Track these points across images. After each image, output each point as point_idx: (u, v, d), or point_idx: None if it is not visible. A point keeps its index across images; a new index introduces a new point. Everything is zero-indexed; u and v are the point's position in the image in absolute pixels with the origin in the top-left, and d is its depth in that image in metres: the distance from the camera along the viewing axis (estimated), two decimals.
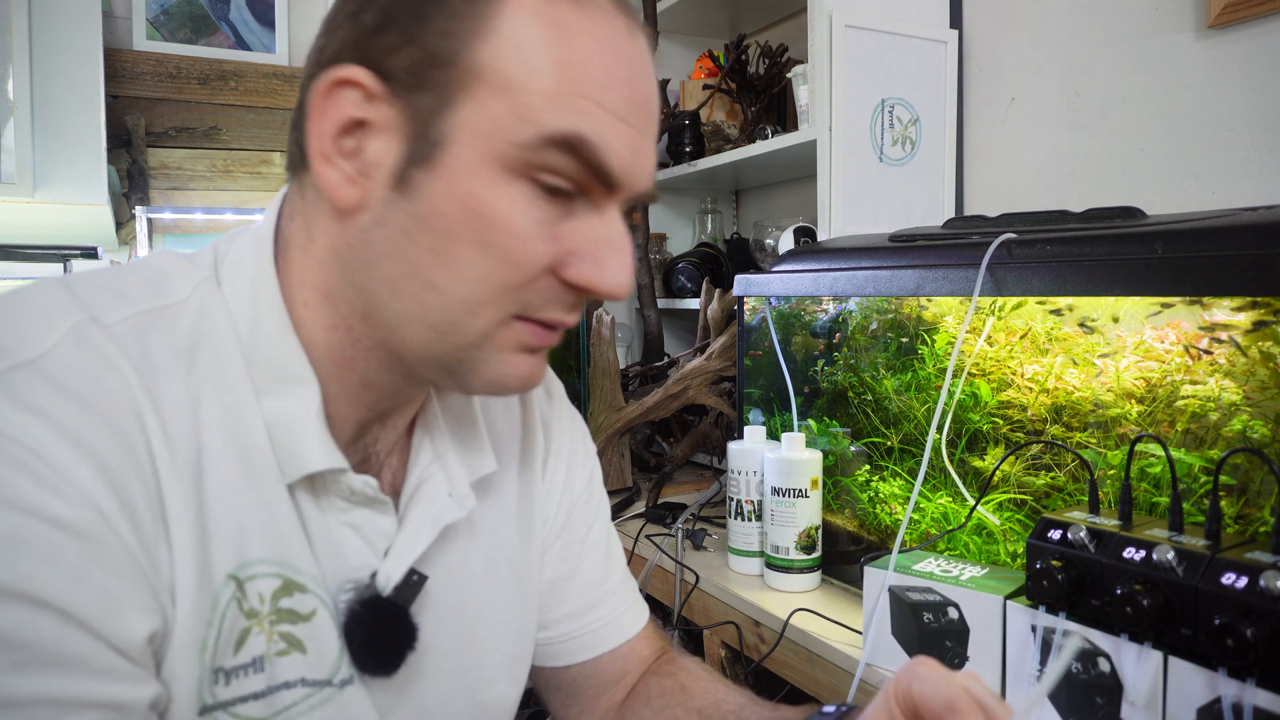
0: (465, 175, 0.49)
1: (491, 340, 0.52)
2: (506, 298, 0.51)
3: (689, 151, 2.04)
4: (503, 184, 0.49)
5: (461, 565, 0.64)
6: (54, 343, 0.47)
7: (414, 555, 0.58)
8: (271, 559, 0.52)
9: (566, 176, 0.50)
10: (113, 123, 1.73)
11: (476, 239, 0.49)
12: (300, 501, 0.54)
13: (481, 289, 0.50)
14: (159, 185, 1.85)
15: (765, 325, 1.34)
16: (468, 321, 0.51)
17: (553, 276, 0.52)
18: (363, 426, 0.58)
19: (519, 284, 0.51)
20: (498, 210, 0.49)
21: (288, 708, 0.52)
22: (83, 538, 0.44)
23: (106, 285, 0.52)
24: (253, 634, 0.51)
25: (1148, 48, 1.37)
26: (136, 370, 0.48)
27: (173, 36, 1.91)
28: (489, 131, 0.49)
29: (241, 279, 0.55)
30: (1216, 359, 0.83)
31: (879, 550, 1.06)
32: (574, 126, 0.49)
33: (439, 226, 0.49)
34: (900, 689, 0.51)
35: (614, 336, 1.79)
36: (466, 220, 0.49)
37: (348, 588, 0.56)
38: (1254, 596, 0.66)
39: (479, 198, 0.49)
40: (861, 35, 1.54)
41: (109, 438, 0.46)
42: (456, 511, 0.61)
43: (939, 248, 1.06)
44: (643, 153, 0.53)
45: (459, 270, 0.50)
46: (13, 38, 1.40)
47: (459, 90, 0.49)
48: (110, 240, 1.77)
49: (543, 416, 0.74)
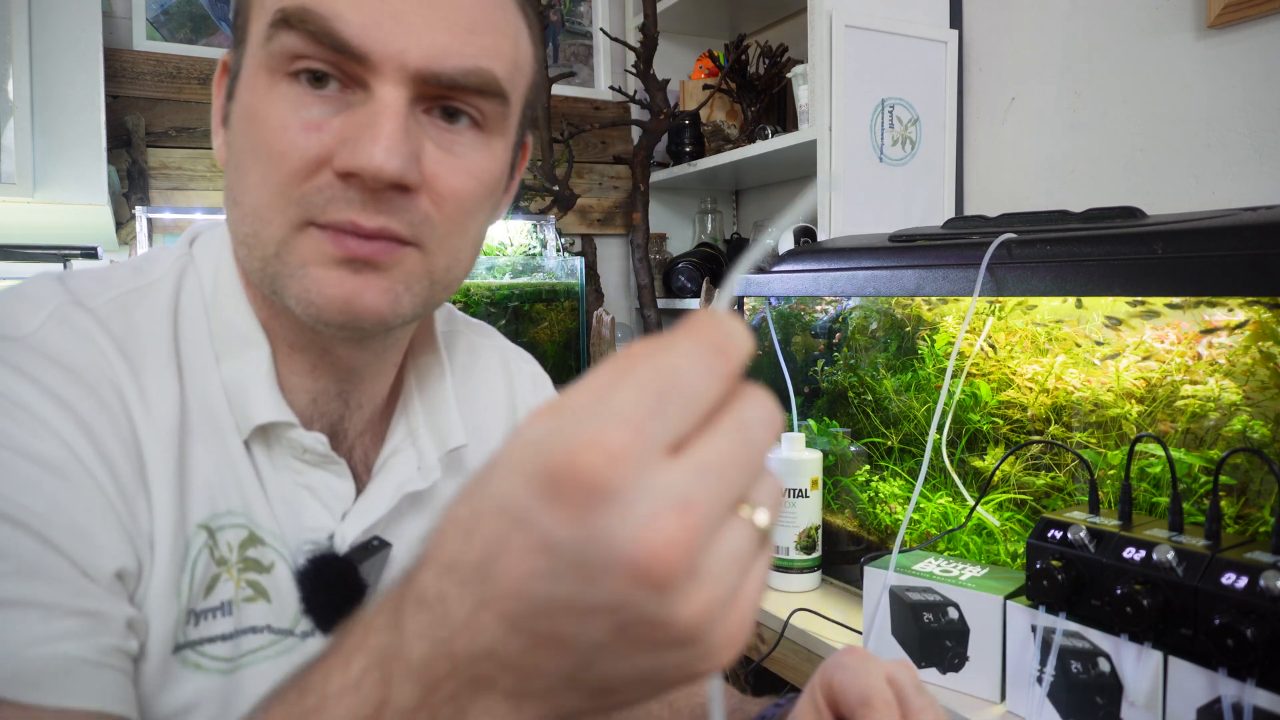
0: (244, 91, 0.53)
1: (290, 250, 0.51)
2: (284, 197, 0.50)
3: (689, 151, 2.04)
4: (266, 87, 0.51)
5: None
6: (39, 323, 0.50)
7: (370, 519, 0.59)
8: (239, 510, 0.55)
9: (310, 59, 0.50)
10: (113, 123, 1.73)
11: (250, 145, 0.51)
12: (256, 458, 0.56)
13: (263, 193, 0.51)
14: (159, 185, 1.85)
15: (765, 325, 1.34)
16: (263, 230, 0.52)
17: (330, 174, 0.50)
18: (314, 397, 0.59)
19: (289, 179, 0.50)
20: (262, 111, 0.51)
21: (253, 651, 0.54)
22: (59, 475, 0.46)
23: (95, 275, 0.56)
24: (222, 580, 0.53)
25: (1148, 48, 1.37)
26: (117, 344, 0.52)
27: (173, 36, 1.91)
28: (254, 43, 0.52)
29: (210, 252, 0.59)
30: (1216, 359, 0.83)
31: (879, 550, 1.06)
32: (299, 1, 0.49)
33: (234, 146, 0.53)
34: (824, 680, 0.50)
35: (614, 336, 1.79)
36: (244, 130, 0.52)
37: (306, 548, 0.57)
38: (1254, 596, 0.66)
39: (249, 104, 0.52)
40: (861, 35, 1.54)
41: (87, 398, 0.49)
42: (420, 482, 0.62)
43: (939, 248, 1.06)
44: (403, 18, 0.49)
45: (245, 179, 0.52)
46: (13, 38, 1.40)
47: (247, 24, 0.53)
48: (110, 240, 1.77)
49: (528, 408, 0.74)
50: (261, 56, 0.51)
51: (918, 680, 0.50)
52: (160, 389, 0.52)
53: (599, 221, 2.25)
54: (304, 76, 0.50)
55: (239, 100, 0.53)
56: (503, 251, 1.86)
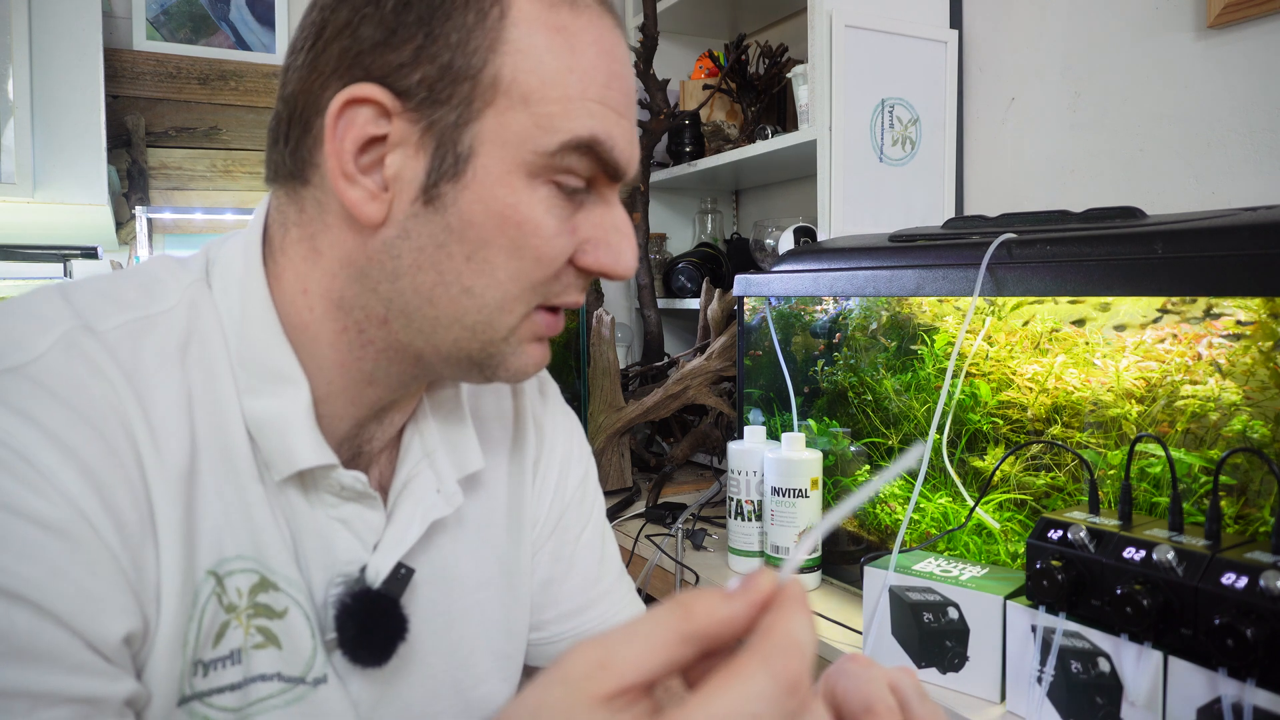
0: (493, 185, 0.51)
1: (516, 332, 0.55)
2: (535, 292, 0.54)
3: (689, 151, 2.04)
4: (528, 189, 0.52)
5: (450, 562, 0.64)
6: (44, 349, 0.48)
7: (403, 549, 0.59)
8: (249, 554, 0.53)
9: (581, 175, 0.54)
10: (113, 123, 1.73)
11: (508, 243, 0.52)
12: (290, 498, 0.55)
13: (514, 288, 0.53)
14: (159, 185, 1.85)
15: (765, 325, 1.34)
16: (500, 319, 0.54)
17: (570, 265, 0.55)
18: (359, 424, 0.59)
19: (546, 277, 0.54)
20: (527, 215, 0.52)
21: (261, 700, 0.53)
22: (63, 536, 0.44)
23: (102, 292, 0.53)
24: (231, 627, 0.52)
25: (1148, 48, 1.37)
26: (127, 377, 0.49)
27: (173, 36, 1.91)
28: (513, 141, 0.51)
29: (230, 281, 0.56)
30: (1216, 359, 0.83)
31: (879, 550, 1.06)
32: (590, 130, 0.52)
33: (471, 235, 0.52)
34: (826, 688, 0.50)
35: (614, 336, 1.79)
36: (498, 227, 0.52)
37: (338, 581, 0.56)
38: (1254, 596, 0.66)
39: (509, 204, 0.52)
40: (861, 35, 1.54)
41: (94, 442, 0.46)
42: (444, 508, 0.62)
43: (939, 248, 1.06)
44: (635, 142, 0.57)
45: (492, 274, 0.53)
46: (13, 38, 1.40)
47: (480, 103, 0.50)
48: (110, 240, 1.77)
49: (535, 416, 0.74)
50: (533, 162, 0.52)
51: (921, 688, 0.50)
52: (171, 427, 0.50)
53: None
54: (561, 184, 0.53)
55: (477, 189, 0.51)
56: None
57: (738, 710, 0.32)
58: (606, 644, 0.34)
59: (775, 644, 0.34)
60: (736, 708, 0.32)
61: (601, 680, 0.33)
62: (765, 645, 0.34)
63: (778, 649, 0.33)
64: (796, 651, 0.33)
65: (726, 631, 0.35)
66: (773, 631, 0.34)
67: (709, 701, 0.32)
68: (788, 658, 0.33)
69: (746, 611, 0.35)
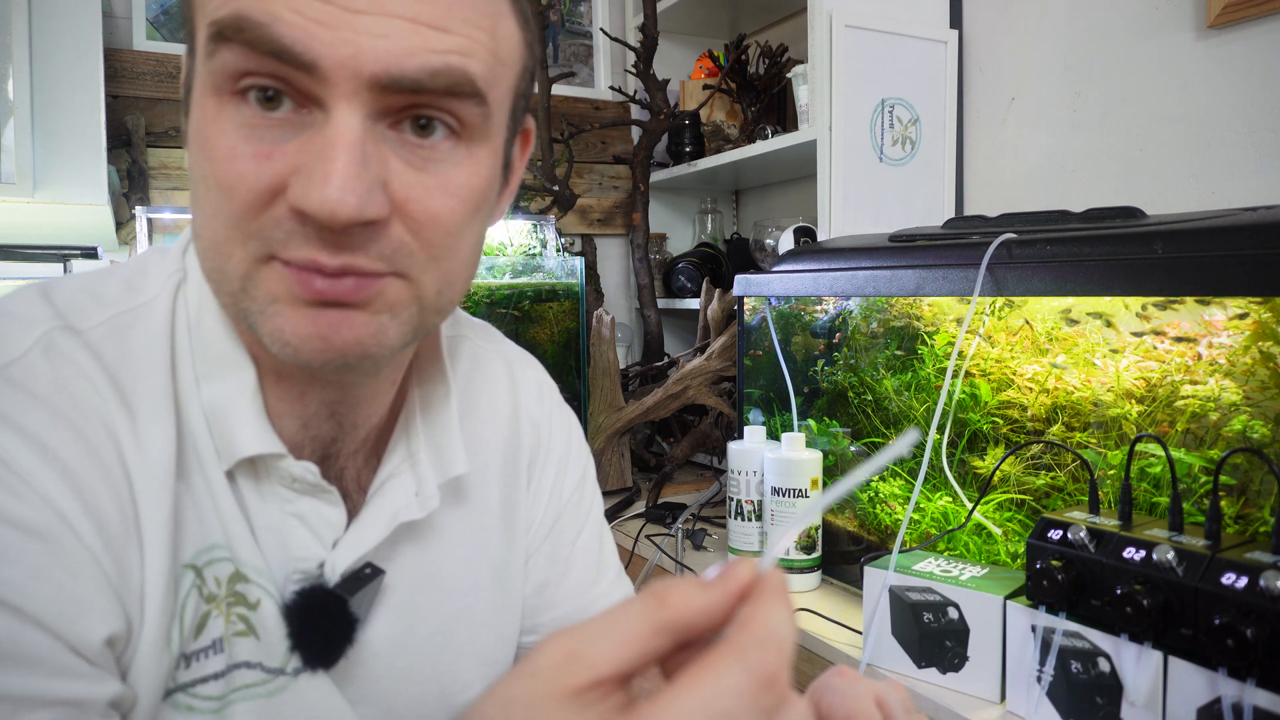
0: (195, 114, 0.47)
1: (256, 285, 0.46)
2: (240, 231, 0.45)
3: (689, 151, 2.04)
4: (216, 108, 0.45)
5: (434, 567, 0.63)
6: (24, 350, 0.47)
7: (363, 548, 0.56)
8: (222, 544, 0.52)
9: (256, 74, 0.44)
10: (113, 123, 1.73)
11: (202, 174, 0.46)
12: (243, 489, 0.53)
13: (217, 225, 0.46)
14: (159, 185, 1.85)
15: (765, 325, 1.34)
16: (226, 265, 0.47)
17: (286, 207, 0.45)
18: (305, 424, 0.56)
19: (242, 212, 0.45)
20: (210, 135, 0.45)
21: (244, 687, 0.52)
22: (43, 539, 0.43)
23: (85, 289, 0.52)
24: (212, 617, 0.51)
25: (1148, 48, 1.37)
26: (109, 376, 0.48)
27: (173, 36, 1.91)
28: (199, 57, 0.46)
29: (195, 264, 0.54)
30: (1216, 359, 0.83)
31: (879, 550, 1.06)
32: (234, 9, 0.43)
33: (190, 172, 0.48)
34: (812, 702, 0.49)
35: (614, 336, 1.79)
36: (196, 156, 0.46)
37: (295, 577, 0.54)
38: (1254, 596, 0.66)
39: (197, 127, 0.46)
40: (861, 35, 1.54)
41: (74, 444, 0.45)
42: (417, 511, 0.59)
43: (939, 248, 1.06)
44: (353, 15, 0.43)
45: (201, 210, 0.47)
46: (13, 38, 1.40)
47: (194, 30, 0.47)
48: (110, 240, 1.77)
49: (531, 418, 0.72)
50: (205, 74, 0.45)
51: (908, 701, 0.49)
52: (156, 425, 0.49)
53: (599, 221, 2.26)
54: (253, 95, 0.44)
55: (191, 120, 0.47)
56: (503, 251, 1.86)
57: (710, 706, 0.30)
58: (577, 635, 0.33)
59: (752, 636, 0.32)
60: (709, 703, 0.30)
61: (571, 673, 0.32)
62: (742, 638, 0.32)
63: (754, 642, 0.32)
64: (774, 645, 0.32)
65: (702, 621, 0.33)
66: (750, 623, 0.33)
67: (681, 696, 0.31)
68: (764, 651, 0.32)
69: (724, 601, 0.33)
